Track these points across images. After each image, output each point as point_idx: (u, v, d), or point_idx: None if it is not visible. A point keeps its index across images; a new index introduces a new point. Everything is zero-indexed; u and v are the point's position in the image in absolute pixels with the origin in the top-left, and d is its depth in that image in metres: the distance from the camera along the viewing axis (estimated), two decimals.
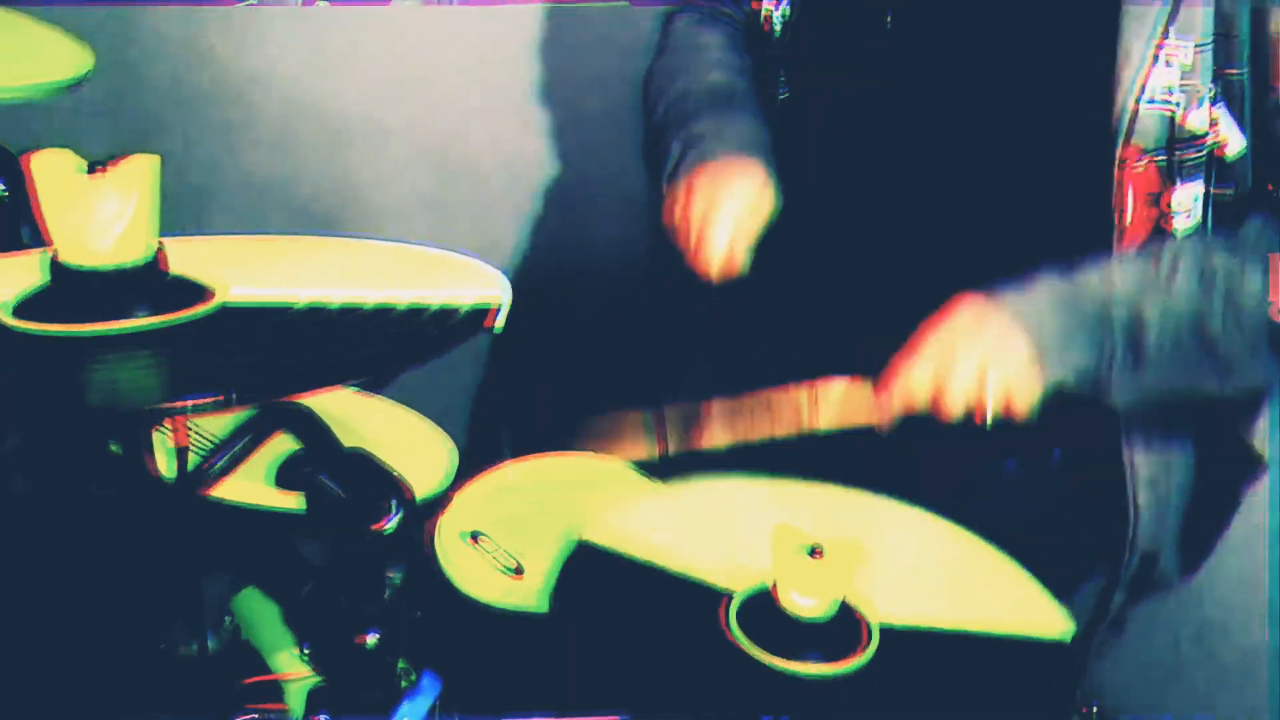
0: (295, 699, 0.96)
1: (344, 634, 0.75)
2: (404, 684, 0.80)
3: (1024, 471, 1.13)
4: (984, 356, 0.97)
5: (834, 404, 1.01)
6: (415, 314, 0.68)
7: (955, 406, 0.98)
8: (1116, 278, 1.01)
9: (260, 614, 1.07)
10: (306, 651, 0.79)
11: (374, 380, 0.92)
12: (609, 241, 1.76)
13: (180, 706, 1.05)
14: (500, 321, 0.68)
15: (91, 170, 0.65)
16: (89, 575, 1.01)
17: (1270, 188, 1.03)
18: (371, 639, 0.73)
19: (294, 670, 0.98)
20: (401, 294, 0.69)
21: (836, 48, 1.17)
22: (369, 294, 0.70)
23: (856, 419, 1.01)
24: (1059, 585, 0.88)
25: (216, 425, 0.83)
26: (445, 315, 0.68)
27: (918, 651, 0.79)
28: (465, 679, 1.24)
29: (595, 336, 1.42)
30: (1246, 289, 1.00)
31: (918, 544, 0.93)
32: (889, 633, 0.79)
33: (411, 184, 1.57)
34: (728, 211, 1.08)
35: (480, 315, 0.68)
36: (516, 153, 1.64)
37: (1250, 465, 1.20)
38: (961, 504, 0.96)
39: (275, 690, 0.98)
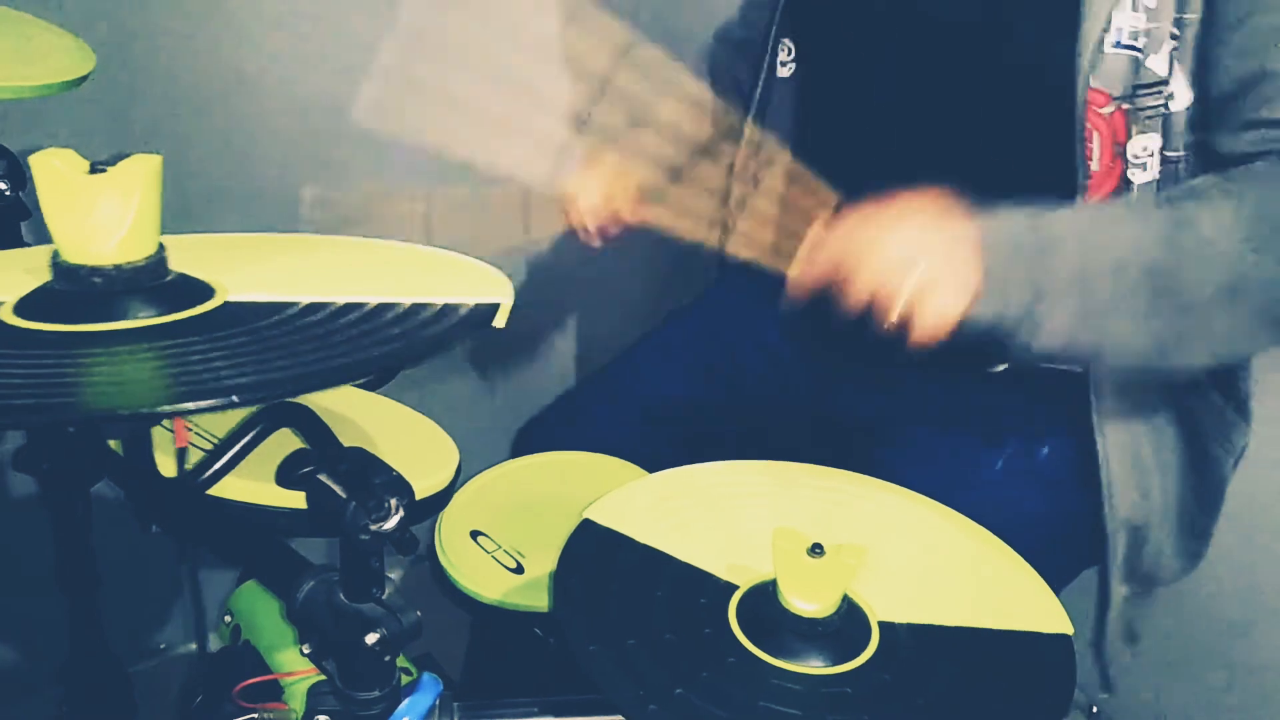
0: (295, 698, 0.96)
1: (344, 633, 0.75)
2: (404, 683, 0.80)
3: (1011, 468, 1.13)
4: (925, 240, 0.91)
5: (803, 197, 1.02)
6: (416, 311, 0.68)
7: (869, 284, 0.90)
8: (1081, 214, 0.97)
9: (260, 613, 1.07)
10: (307, 651, 0.79)
11: (375, 378, 0.92)
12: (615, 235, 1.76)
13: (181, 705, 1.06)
14: (502, 320, 0.68)
15: (94, 170, 0.65)
16: (89, 573, 1.02)
17: None
18: (372, 638, 0.73)
19: (294, 669, 0.98)
20: (403, 294, 0.69)
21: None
22: (370, 294, 0.70)
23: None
24: (1057, 579, 0.88)
25: (217, 423, 0.83)
26: (447, 313, 0.68)
27: (918, 648, 0.79)
28: (466, 677, 1.25)
29: (598, 334, 1.42)
30: (1221, 236, 0.92)
31: (919, 535, 0.93)
32: (889, 630, 0.79)
33: (413, 180, 1.57)
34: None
35: (483, 313, 0.68)
36: (522, 150, 1.64)
37: (1234, 435, 1.17)
38: (950, 501, 0.96)
39: (275, 689, 0.98)
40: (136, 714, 1.08)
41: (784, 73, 1.26)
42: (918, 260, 0.89)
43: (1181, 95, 0.99)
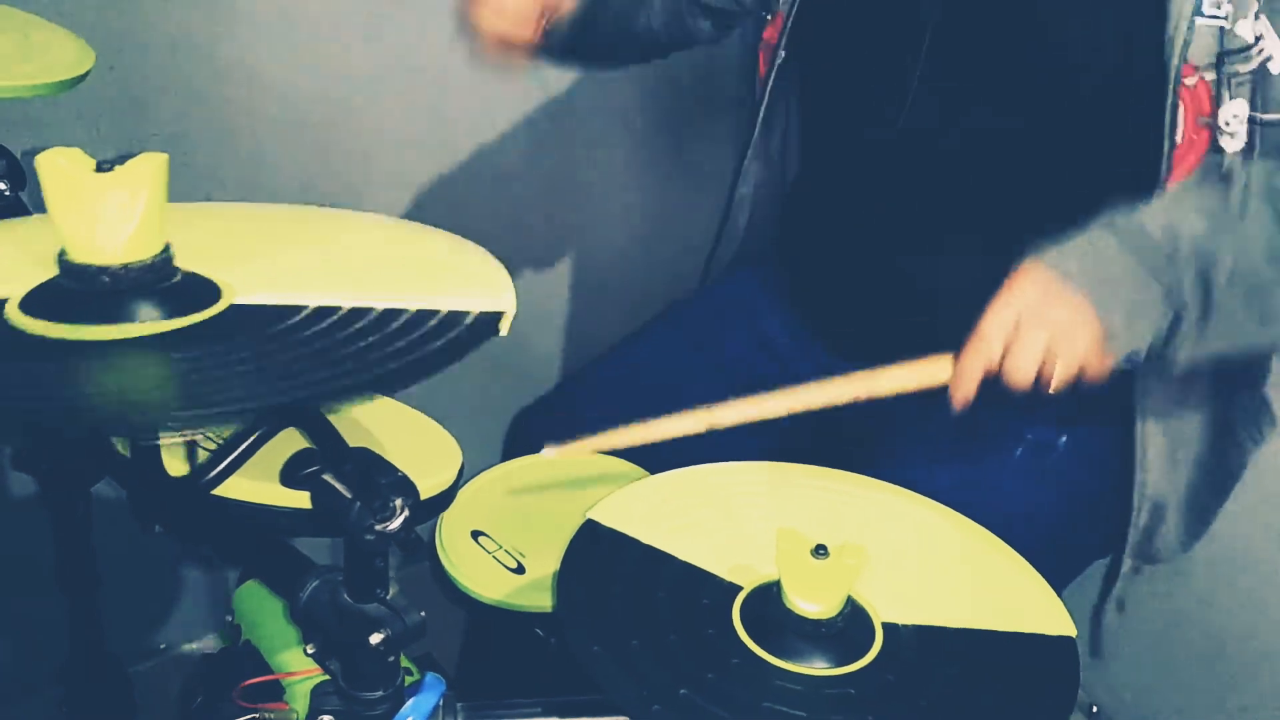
0: (297, 698, 0.96)
1: (349, 633, 0.74)
2: (408, 683, 0.80)
3: (1030, 458, 1.13)
4: (1052, 337, 0.93)
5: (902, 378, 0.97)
6: (422, 320, 0.68)
7: (1024, 381, 0.93)
8: (1186, 224, 0.96)
9: (262, 612, 1.07)
10: (311, 651, 0.79)
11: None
12: (610, 237, 1.76)
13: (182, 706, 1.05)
14: (505, 327, 0.69)
15: (101, 169, 0.65)
16: (89, 573, 1.01)
17: None
18: (376, 638, 0.73)
19: (297, 669, 0.98)
20: (410, 292, 0.69)
21: None
22: (377, 292, 0.70)
23: (931, 381, 0.97)
24: (1067, 572, 0.87)
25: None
26: (451, 323, 0.68)
27: (922, 649, 0.79)
28: (464, 677, 1.25)
29: (598, 334, 1.42)
30: None
31: (922, 537, 0.93)
32: (893, 631, 0.80)
33: (414, 180, 1.57)
34: None
35: (487, 322, 0.68)
36: (521, 146, 1.65)
37: (1264, 422, 1.19)
38: (967, 493, 0.97)
39: (277, 689, 0.98)
40: (136, 714, 1.08)
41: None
42: (1053, 360, 0.92)
43: (1279, 56, 0.98)
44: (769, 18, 1.23)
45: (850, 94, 1.18)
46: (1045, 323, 0.92)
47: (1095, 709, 1.57)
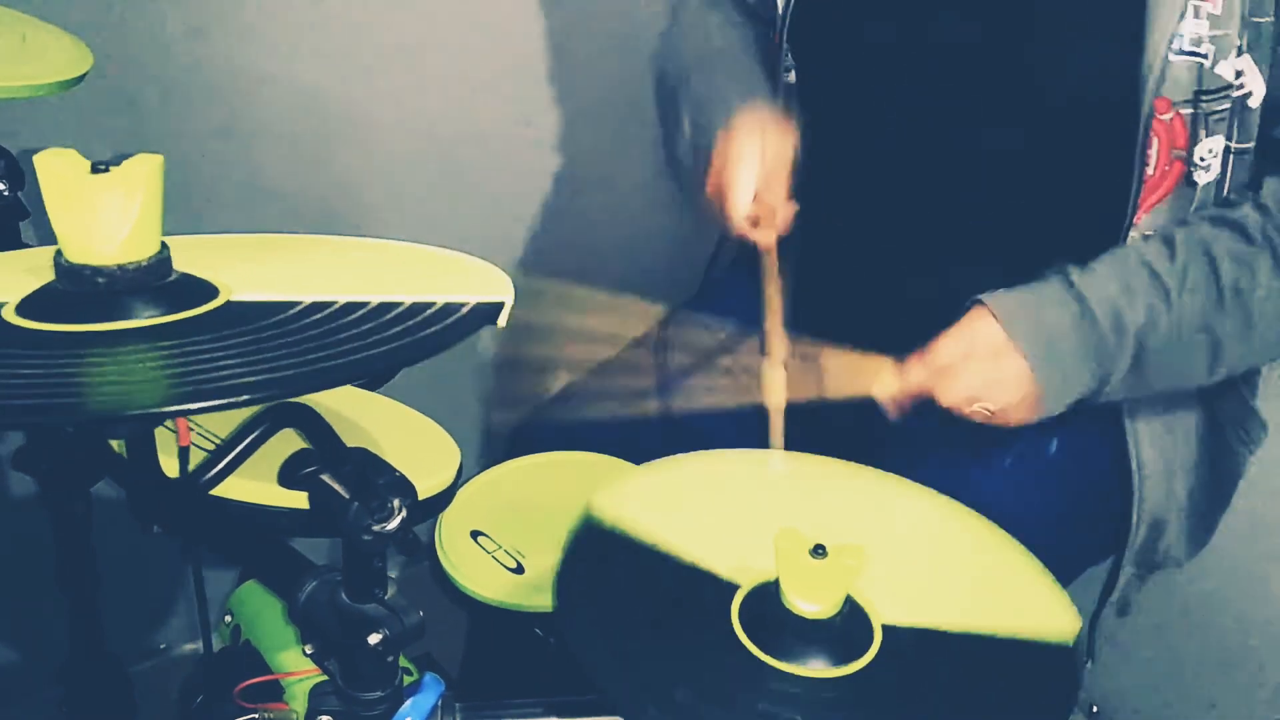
0: (296, 698, 0.96)
1: (347, 634, 0.74)
2: (406, 683, 0.80)
3: (1020, 464, 1.13)
4: (988, 380, 1.00)
5: (843, 372, 1.04)
6: (418, 310, 0.68)
7: (950, 404, 1.01)
8: (1130, 313, 1.01)
9: (261, 613, 1.07)
10: (309, 651, 0.79)
11: (374, 377, 0.92)
12: (613, 235, 1.76)
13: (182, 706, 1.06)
14: (504, 319, 0.68)
15: (96, 170, 0.65)
16: (89, 573, 1.02)
17: None
18: (375, 638, 0.73)
19: (296, 669, 0.98)
20: (406, 293, 0.69)
21: (841, 13, 1.17)
22: (373, 293, 0.70)
23: (861, 390, 1.04)
24: (1063, 577, 0.88)
25: (220, 423, 0.83)
26: (449, 312, 0.68)
27: (921, 650, 0.79)
28: (464, 677, 1.25)
29: (598, 334, 1.41)
30: (1259, 289, 1.00)
31: (926, 530, 0.93)
32: (892, 633, 0.79)
33: (414, 180, 1.57)
34: (752, 173, 1.08)
35: (485, 311, 0.68)
36: (521, 147, 1.65)
37: (1252, 428, 1.20)
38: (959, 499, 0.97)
39: (276, 689, 0.98)
40: (136, 714, 1.08)
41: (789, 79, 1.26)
42: (983, 401, 1.01)
43: (1259, 91, 1.01)
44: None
45: (841, 108, 1.20)
46: (985, 367, 1.00)
47: (1095, 709, 1.57)
